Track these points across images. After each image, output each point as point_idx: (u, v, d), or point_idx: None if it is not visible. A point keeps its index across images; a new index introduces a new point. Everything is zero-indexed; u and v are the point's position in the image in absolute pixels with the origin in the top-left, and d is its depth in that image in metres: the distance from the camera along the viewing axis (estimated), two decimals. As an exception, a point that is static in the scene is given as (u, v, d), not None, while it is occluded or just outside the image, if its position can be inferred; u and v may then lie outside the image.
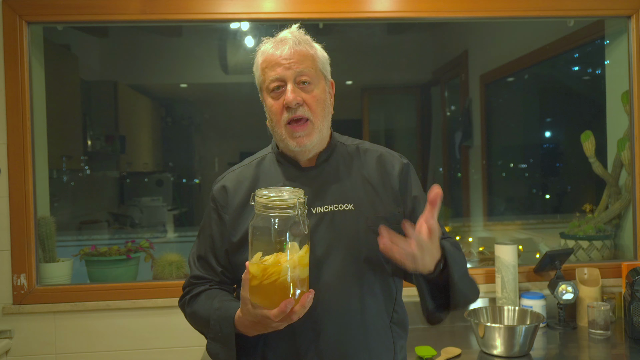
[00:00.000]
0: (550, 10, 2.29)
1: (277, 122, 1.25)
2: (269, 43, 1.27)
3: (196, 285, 1.33)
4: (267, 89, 1.26)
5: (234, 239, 1.28)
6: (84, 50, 4.34)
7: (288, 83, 1.22)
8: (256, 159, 1.37)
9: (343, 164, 1.32)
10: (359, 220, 1.25)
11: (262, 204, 1.06)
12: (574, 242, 2.50)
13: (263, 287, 1.05)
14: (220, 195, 1.32)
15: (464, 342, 1.97)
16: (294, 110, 1.22)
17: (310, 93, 1.23)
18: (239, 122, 5.49)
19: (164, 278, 2.31)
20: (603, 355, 1.90)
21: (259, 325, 1.11)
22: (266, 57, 1.25)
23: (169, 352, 2.18)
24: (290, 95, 1.21)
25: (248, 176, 1.32)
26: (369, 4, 2.22)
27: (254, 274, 1.06)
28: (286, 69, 1.22)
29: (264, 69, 1.25)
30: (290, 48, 1.22)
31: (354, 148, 1.35)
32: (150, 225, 5.00)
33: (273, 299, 1.05)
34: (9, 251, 2.13)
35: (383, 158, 1.34)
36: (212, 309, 1.23)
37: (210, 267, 1.33)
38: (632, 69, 2.34)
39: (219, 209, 1.32)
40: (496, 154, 4.08)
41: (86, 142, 4.54)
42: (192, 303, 1.31)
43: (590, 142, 2.52)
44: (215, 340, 1.21)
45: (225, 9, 2.18)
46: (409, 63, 4.83)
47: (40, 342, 2.13)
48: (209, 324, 1.23)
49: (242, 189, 1.31)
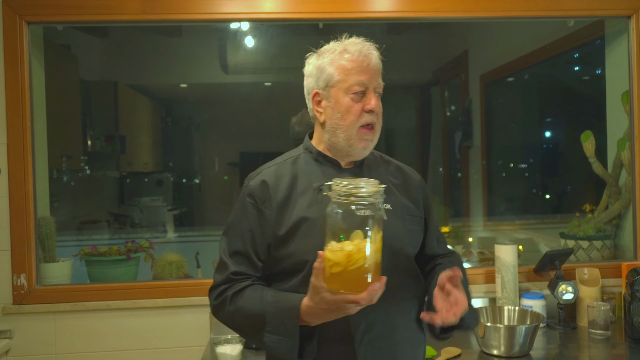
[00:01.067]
0: (550, 10, 2.29)
1: (351, 123, 1.32)
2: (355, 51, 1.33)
3: (236, 282, 1.31)
4: (347, 90, 1.32)
5: (280, 232, 1.30)
6: (84, 50, 4.34)
7: (370, 90, 1.33)
8: (290, 157, 1.41)
9: (374, 169, 1.42)
10: (397, 219, 1.34)
11: (342, 192, 1.11)
12: (574, 242, 2.50)
13: (347, 272, 1.08)
14: (260, 190, 1.33)
15: (464, 342, 1.97)
16: (373, 116, 1.33)
17: (380, 104, 1.35)
18: (239, 122, 5.48)
19: (164, 278, 2.31)
20: (603, 355, 1.90)
21: (334, 312, 1.15)
22: (354, 60, 1.32)
23: (169, 352, 2.18)
24: (375, 102, 1.32)
25: (286, 173, 1.36)
26: (369, 4, 2.22)
27: (336, 261, 1.08)
28: (372, 77, 1.33)
29: (349, 69, 1.32)
30: (376, 59, 1.35)
31: (378, 156, 1.47)
32: (150, 225, 4.99)
33: (356, 283, 1.09)
34: (9, 251, 2.13)
35: (404, 169, 1.48)
36: (265, 303, 1.24)
37: (250, 263, 1.32)
38: (632, 69, 2.34)
39: (259, 204, 1.32)
40: (496, 154, 4.08)
41: (86, 142, 4.53)
42: (236, 300, 1.29)
43: (590, 142, 2.52)
44: (275, 332, 1.22)
45: (225, 9, 2.18)
46: (409, 63, 4.82)
47: (40, 342, 2.13)
48: (264, 318, 1.23)
49: (283, 184, 1.33)
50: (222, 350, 1.80)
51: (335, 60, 1.33)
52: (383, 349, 1.28)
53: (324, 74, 1.34)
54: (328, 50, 1.36)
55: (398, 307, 1.31)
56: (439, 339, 1.36)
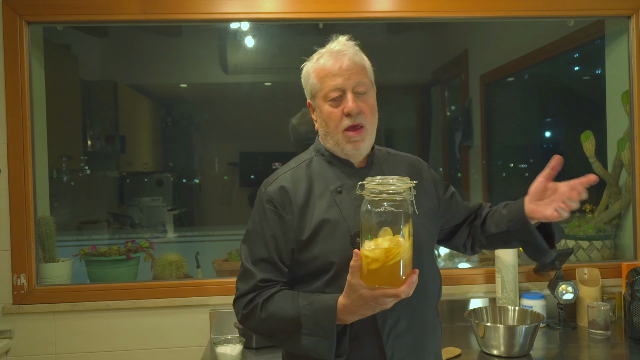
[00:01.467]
0: (550, 10, 2.29)
1: (335, 128, 1.33)
2: (326, 55, 1.34)
3: (265, 289, 1.31)
4: (324, 97, 1.33)
5: (303, 236, 1.30)
6: (84, 50, 4.34)
7: (347, 92, 1.31)
8: (303, 161, 1.41)
9: (385, 166, 1.43)
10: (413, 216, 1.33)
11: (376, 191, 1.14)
12: (574, 242, 2.50)
13: (387, 268, 1.12)
14: (280, 195, 1.34)
15: (464, 342, 1.97)
16: (354, 118, 1.31)
17: (365, 102, 1.33)
18: (239, 122, 5.48)
19: (163, 278, 2.31)
20: (603, 355, 1.90)
21: (371, 309, 1.18)
22: (326, 67, 1.32)
23: (169, 352, 2.18)
24: (352, 104, 1.30)
25: (303, 176, 1.37)
26: (369, 4, 2.22)
27: (374, 257, 1.12)
28: (346, 79, 1.31)
29: (323, 77, 1.33)
30: (349, 59, 1.32)
31: (386, 152, 1.48)
32: (150, 225, 4.99)
33: (396, 277, 1.13)
34: (9, 251, 2.13)
35: (410, 162, 1.48)
36: (299, 306, 1.25)
37: (276, 269, 1.33)
38: (632, 69, 2.34)
39: (279, 210, 1.33)
40: (496, 154, 4.08)
41: (86, 142, 4.53)
42: (267, 306, 1.29)
43: (590, 142, 2.52)
44: (312, 334, 1.23)
45: (225, 9, 2.18)
46: (409, 63, 4.82)
47: (40, 342, 2.13)
48: (299, 321, 1.24)
49: (301, 188, 1.34)
50: (222, 350, 1.80)
51: (313, 68, 1.36)
52: (409, 343, 1.31)
53: (308, 84, 1.38)
54: (312, 58, 1.38)
55: (420, 302, 1.33)
56: (548, 257, 1.38)
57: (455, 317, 2.22)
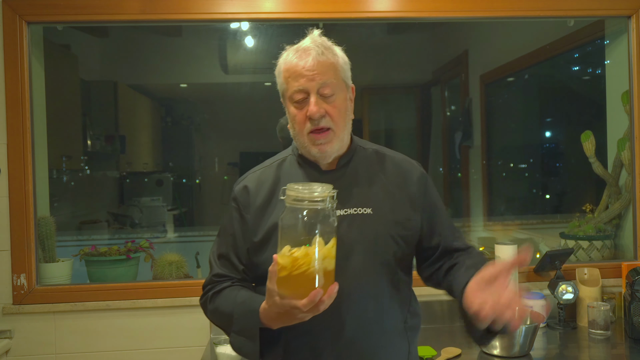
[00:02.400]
0: (550, 10, 2.29)
1: (300, 131, 1.28)
2: (292, 52, 1.28)
3: (218, 283, 1.34)
4: (290, 98, 1.28)
5: (256, 238, 1.30)
6: (84, 50, 4.34)
7: (311, 95, 1.24)
8: (277, 160, 1.39)
9: (362, 168, 1.34)
10: (377, 225, 1.28)
11: (293, 197, 1.10)
12: (574, 242, 2.50)
13: (292, 278, 1.07)
14: (242, 195, 1.34)
15: (464, 342, 1.97)
16: (317, 122, 1.24)
17: (332, 104, 1.26)
18: (239, 122, 5.48)
19: (163, 278, 2.31)
20: (603, 355, 1.90)
21: (284, 317, 1.13)
22: (289, 67, 1.26)
23: (169, 352, 2.18)
24: (313, 107, 1.23)
25: (269, 177, 1.35)
26: (369, 4, 2.22)
27: (283, 265, 1.08)
28: (309, 80, 1.23)
29: (287, 78, 1.27)
30: (313, 59, 1.24)
31: (373, 152, 1.39)
32: (150, 225, 4.99)
33: (301, 289, 1.07)
34: (9, 251, 2.13)
35: (401, 164, 1.37)
36: (235, 304, 1.25)
37: (232, 266, 1.34)
38: (632, 69, 2.34)
39: (241, 209, 1.34)
40: (496, 154, 4.08)
41: (86, 142, 4.53)
42: (215, 299, 1.32)
43: (590, 142, 2.52)
44: (240, 333, 1.23)
45: (225, 9, 2.18)
46: (409, 63, 4.82)
47: (40, 342, 2.13)
48: (232, 318, 1.25)
49: (264, 189, 1.33)
50: (222, 350, 1.80)
51: (279, 69, 1.30)
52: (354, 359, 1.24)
53: (278, 84, 1.33)
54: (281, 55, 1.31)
55: (374, 314, 1.25)
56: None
57: (455, 317, 2.21)
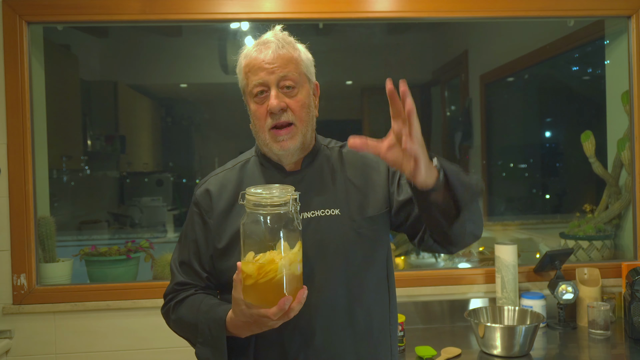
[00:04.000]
0: (550, 10, 2.29)
1: (260, 127, 1.23)
2: (252, 46, 1.24)
3: (180, 292, 1.30)
4: (250, 94, 1.23)
5: (219, 245, 1.25)
6: (84, 50, 4.34)
7: (271, 88, 1.20)
8: (240, 162, 1.34)
9: (327, 168, 1.30)
10: (345, 225, 1.24)
11: (253, 202, 1.05)
12: (574, 242, 2.50)
13: (259, 286, 1.04)
14: (204, 199, 1.29)
15: (464, 342, 1.97)
16: (277, 117, 1.20)
17: (294, 97, 1.21)
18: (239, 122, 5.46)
19: (164, 278, 2.31)
20: (603, 355, 1.90)
21: (253, 325, 1.10)
22: (249, 61, 1.22)
23: (169, 352, 2.18)
24: (274, 101, 1.18)
25: (232, 180, 1.30)
26: (369, 4, 2.22)
27: (248, 273, 1.04)
28: (269, 73, 1.19)
29: (247, 72, 1.23)
30: (273, 52, 1.20)
31: (337, 150, 1.34)
32: (150, 225, 4.99)
33: (269, 297, 1.04)
34: (9, 251, 2.13)
35: (366, 156, 1.31)
36: (199, 313, 1.21)
37: (194, 273, 1.30)
38: (632, 69, 2.34)
39: (203, 214, 1.29)
40: (496, 154, 4.08)
41: (86, 142, 4.53)
42: (177, 309, 1.28)
43: (590, 142, 2.52)
44: (205, 344, 1.19)
45: (225, 9, 2.18)
46: (409, 63, 4.82)
47: (40, 342, 2.13)
48: (197, 328, 1.21)
49: (227, 192, 1.28)
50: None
51: (240, 64, 1.26)
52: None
53: (239, 81, 1.28)
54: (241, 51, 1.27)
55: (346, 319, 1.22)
56: (424, 206, 1.09)
57: (455, 317, 2.22)
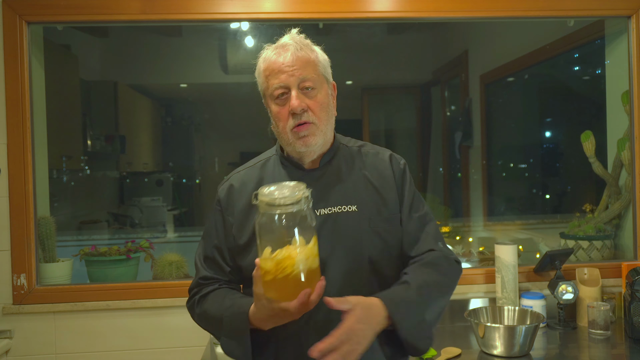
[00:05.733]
0: (550, 10, 2.29)
1: (283, 128, 1.27)
2: (270, 50, 1.28)
3: (205, 286, 1.34)
4: (271, 96, 1.28)
5: (240, 241, 1.29)
6: (84, 50, 4.34)
7: (292, 89, 1.24)
8: (261, 160, 1.39)
9: (345, 166, 1.34)
10: (362, 222, 1.27)
11: (266, 202, 1.08)
12: (574, 242, 2.50)
13: (278, 281, 1.07)
14: (226, 197, 1.34)
15: (464, 342, 1.97)
16: (299, 117, 1.24)
17: (314, 98, 1.26)
18: (239, 122, 5.49)
19: (164, 278, 2.31)
20: (603, 355, 1.90)
21: (275, 318, 1.13)
22: (269, 65, 1.27)
23: (169, 352, 2.18)
24: (295, 101, 1.23)
25: (253, 178, 1.34)
26: (369, 4, 2.22)
27: (266, 269, 1.07)
28: (290, 75, 1.24)
29: (267, 76, 1.27)
30: (292, 54, 1.24)
31: (356, 150, 1.38)
32: (150, 225, 5.00)
33: (289, 291, 1.07)
34: (9, 251, 2.13)
35: (384, 159, 1.37)
36: (223, 307, 1.25)
37: (218, 267, 1.34)
38: (632, 69, 2.34)
39: (224, 211, 1.33)
40: (496, 154, 4.08)
41: (86, 142, 4.53)
42: (202, 303, 1.32)
43: (590, 142, 2.52)
44: (230, 337, 1.23)
45: (225, 9, 2.18)
46: (409, 63, 4.82)
47: (40, 342, 2.13)
48: (222, 322, 1.24)
49: (247, 191, 1.32)
50: (222, 351, 1.79)
51: (259, 68, 1.30)
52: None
53: (259, 84, 1.33)
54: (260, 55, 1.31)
55: None
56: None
57: (455, 317, 2.22)
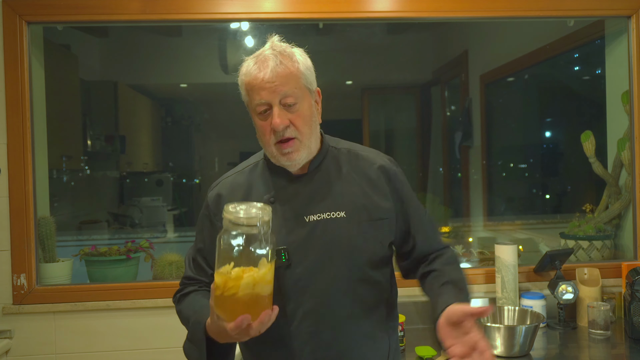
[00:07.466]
0: (550, 10, 2.29)
1: (266, 142, 1.25)
2: (251, 61, 1.24)
3: (187, 285, 1.37)
4: (254, 110, 1.25)
5: None
6: (84, 50, 4.35)
7: (274, 106, 1.21)
8: (249, 165, 1.37)
9: (334, 169, 1.32)
10: (351, 228, 1.26)
11: (229, 220, 1.06)
12: (574, 242, 2.50)
13: (224, 299, 1.05)
14: (214, 202, 1.33)
15: (464, 342, 1.96)
16: (281, 134, 1.21)
17: (296, 113, 1.22)
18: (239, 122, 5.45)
19: (163, 278, 2.31)
20: (603, 355, 1.90)
21: (223, 334, 1.11)
22: (250, 80, 1.22)
23: (169, 352, 2.18)
24: (277, 120, 1.20)
25: (241, 183, 1.33)
26: (369, 4, 2.22)
27: (217, 284, 1.05)
28: (270, 92, 1.20)
29: (249, 91, 1.24)
30: (272, 70, 1.20)
31: (345, 151, 1.36)
32: (150, 225, 5.00)
33: (231, 312, 1.05)
34: (9, 251, 2.13)
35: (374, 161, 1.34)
36: (191, 311, 1.26)
37: (201, 269, 1.35)
38: (632, 69, 2.34)
39: (211, 216, 1.33)
40: (496, 154, 4.08)
41: (86, 142, 4.53)
42: (181, 302, 1.35)
43: (590, 142, 2.52)
44: (191, 341, 1.24)
45: (225, 9, 2.18)
46: (409, 63, 4.82)
47: (40, 342, 2.13)
48: (188, 324, 1.26)
49: (236, 197, 1.30)
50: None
51: (241, 80, 1.27)
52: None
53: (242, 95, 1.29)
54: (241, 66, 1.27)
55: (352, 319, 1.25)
56: None
57: (455, 317, 2.21)
